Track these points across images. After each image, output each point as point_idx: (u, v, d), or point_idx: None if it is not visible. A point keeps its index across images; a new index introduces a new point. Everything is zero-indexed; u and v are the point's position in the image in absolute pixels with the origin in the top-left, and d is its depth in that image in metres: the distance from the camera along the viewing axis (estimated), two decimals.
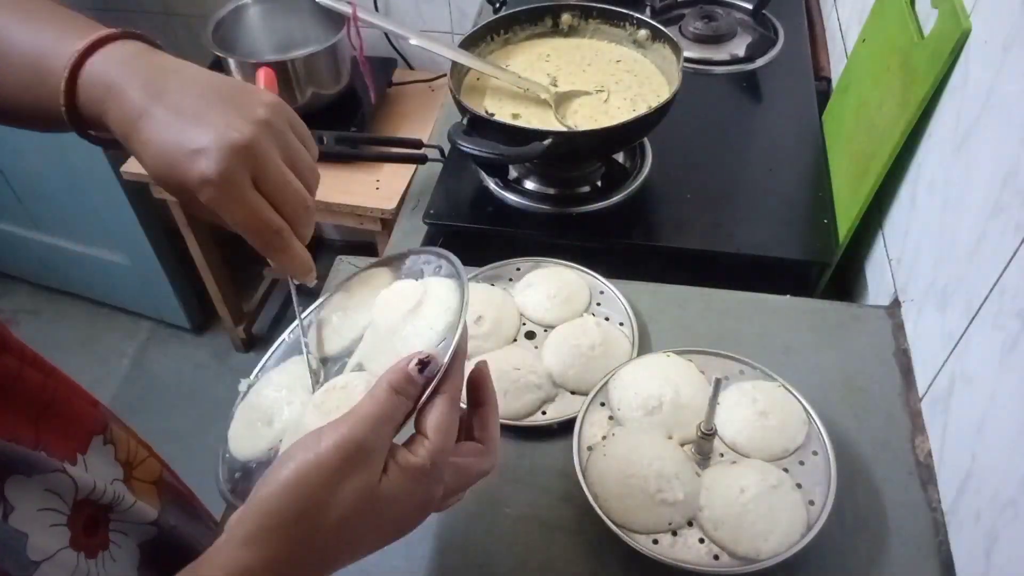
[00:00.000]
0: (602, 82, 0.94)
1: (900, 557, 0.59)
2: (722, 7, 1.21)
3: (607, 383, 0.68)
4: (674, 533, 0.58)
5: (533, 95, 0.92)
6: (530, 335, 0.74)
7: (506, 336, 0.73)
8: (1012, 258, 0.55)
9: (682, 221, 0.91)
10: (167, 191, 0.46)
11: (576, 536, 0.61)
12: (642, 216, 0.93)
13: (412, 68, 1.86)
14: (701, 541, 0.58)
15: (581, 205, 0.92)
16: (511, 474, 0.65)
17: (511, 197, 0.93)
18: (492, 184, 0.95)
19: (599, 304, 0.76)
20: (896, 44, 0.80)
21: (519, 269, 0.80)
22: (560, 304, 0.75)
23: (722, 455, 0.63)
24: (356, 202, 1.52)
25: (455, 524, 0.63)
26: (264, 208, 0.45)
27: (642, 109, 0.89)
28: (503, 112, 0.91)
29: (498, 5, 1.25)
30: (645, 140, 0.98)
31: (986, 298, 0.58)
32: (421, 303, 0.50)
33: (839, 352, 0.73)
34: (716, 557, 0.57)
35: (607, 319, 0.75)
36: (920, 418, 0.67)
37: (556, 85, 0.94)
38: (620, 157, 0.98)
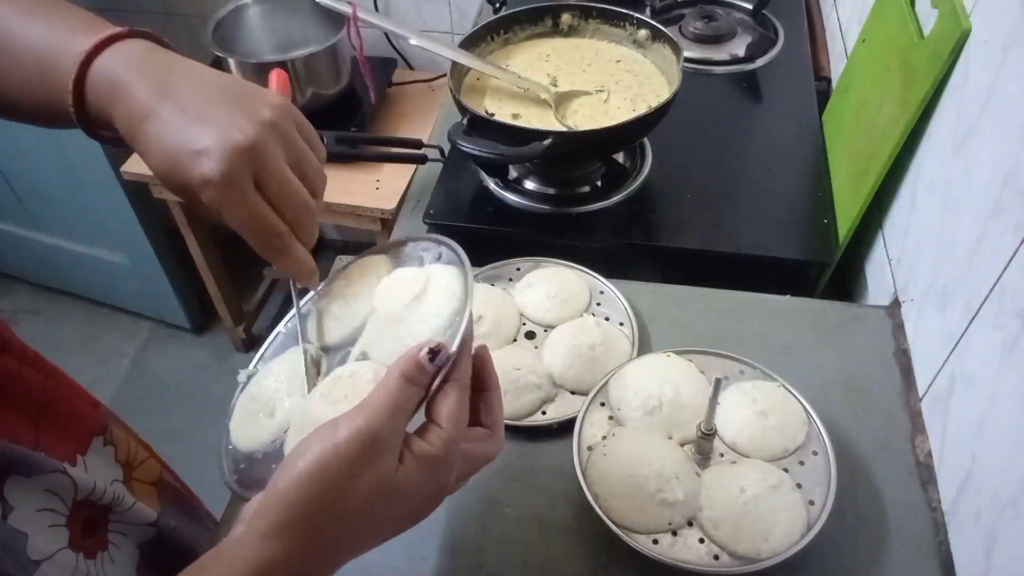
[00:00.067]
0: (602, 82, 0.94)
1: (900, 557, 0.59)
2: (722, 7, 1.21)
3: (607, 383, 0.68)
4: (674, 533, 0.58)
5: (533, 95, 0.92)
6: (530, 335, 0.74)
7: (506, 336, 0.73)
8: (1012, 258, 0.55)
9: (682, 221, 0.91)
10: (171, 191, 0.46)
11: (576, 536, 0.61)
12: (642, 216, 0.92)
13: (412, 68, 1.86)
14: (701, 541, 0.58)
15: (581, 205, 0.92)
16: (511, 474, 0.65)
17: (511, 197, 0.93)
18: (492, 184, 0.95)
19: (599, 304, 0.76)
20: (896, 44, 0.80)
21: (519, 269, 0.80)
22: (560, 304, 0.75)
23: (722, 455, 0.63)
24: (356, 202, 1.52)
25: (455, 524, 0.62)
26: (265, 210, 0.45)
27: (642, 109, 0.89)
28: (503, 112, 0.91)
29: (498, 5, 1.25)
30: (645, 140, 0.98)
31: (986, 298, 0.58)
32: (424, 290, 0.50)
33: (839, 352, 0.73)
34: (716, 557, 0.57)
35: (607, 319, 0.75)
36: (920, 418, 0.67)
37: (556, 85, 0.93)
38: (620, 157, 0.98)
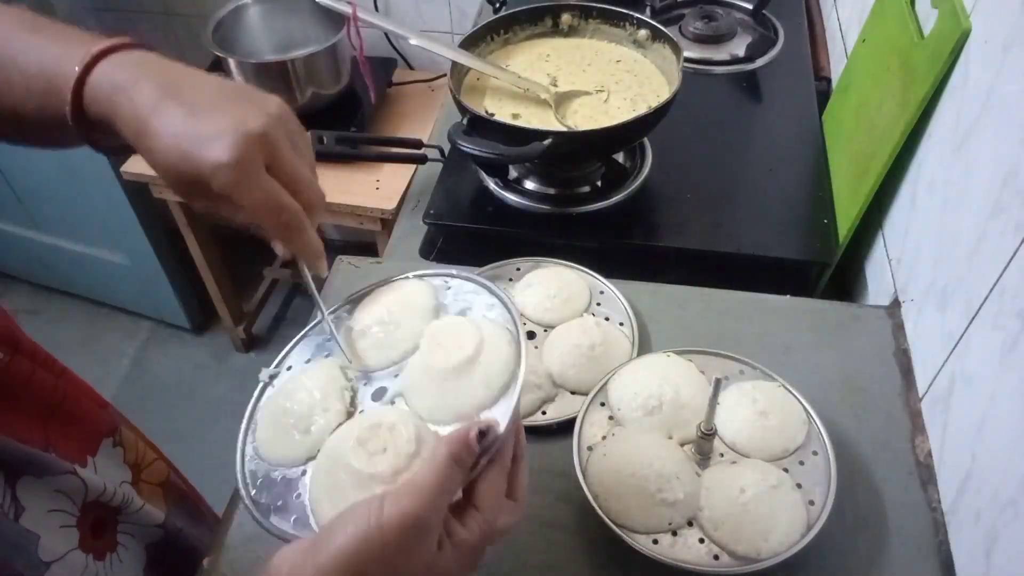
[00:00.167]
0: (602, 82, 0.94)
1: (900, 557, 0.59)
2: (722, 7, 1.21)
3: (607, 383, 0.68)
4: (674, 533, 0.58)
5: (533, 95, 0.92)
6: (530, 335, 0.74)
7: None
8: (1012, 258, 0.55)
9: (682, 221, 0.91)
10: (175, 185, 0.46)
11: (576, 536, 0.61)
12: (642, 216, 0.92)
13: (412, 68, 1.86)
14: (701, 541, 0.58)
15: (581, 205, 0.92)
16: None
17: (511, 197, 0.93)
18: (492, 184, 0.95)
19: (599, 304, 0.76)
20: (896, 44, 0.80)
21: (519, 269, 0.80)
22: (560, 304, 0.75)
23: (722, 455, 0.63)
24: (356, 202, 1.52)
25: None
26: (279, 190, 0.46)
27: (642, 109, 0.89)
28: (503, 112, 0.91)
29: (498, 5, 1.25)
30: (645, 140, 0.98)
31: (986, 298, 0.58)
32: (477, 354, 0.48)
33: (839, 352, 0.73)
34: (716, 557, 0.57)
35: (607, 319, 0.75)
36: (920, 418, 0.67)
37: (556, 85, 0.94)
38: (620, 157, 0.98)
